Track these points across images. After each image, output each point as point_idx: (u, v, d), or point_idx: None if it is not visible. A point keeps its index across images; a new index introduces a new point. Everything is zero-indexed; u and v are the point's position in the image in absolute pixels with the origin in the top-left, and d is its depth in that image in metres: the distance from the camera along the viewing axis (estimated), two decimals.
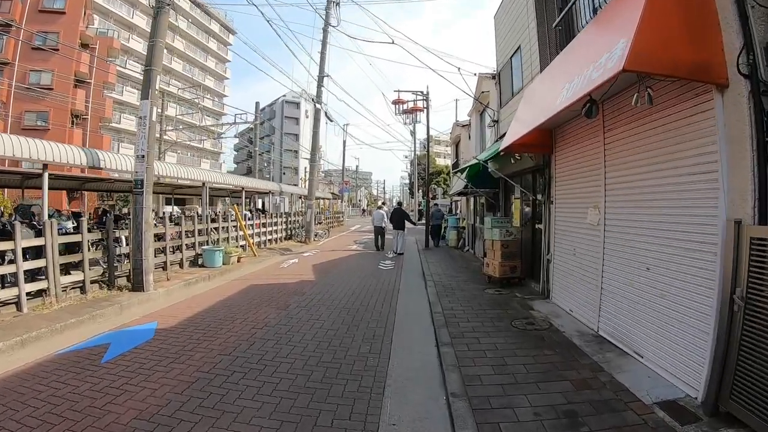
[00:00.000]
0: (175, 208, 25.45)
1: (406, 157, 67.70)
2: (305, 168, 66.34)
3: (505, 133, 9.92)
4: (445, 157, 76.22)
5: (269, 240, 16.78)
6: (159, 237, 10.23)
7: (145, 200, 8.00)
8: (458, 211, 19.42)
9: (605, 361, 4.51)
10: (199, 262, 11.14)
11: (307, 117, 77.84)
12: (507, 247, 8.16)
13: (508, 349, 4.74)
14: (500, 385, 3.82)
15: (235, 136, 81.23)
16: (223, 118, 55.99)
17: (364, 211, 64.26)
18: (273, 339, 5.25)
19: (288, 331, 5.54)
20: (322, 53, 18.52)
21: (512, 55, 9.74)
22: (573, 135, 6.38)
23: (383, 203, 30.15)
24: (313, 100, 18.05)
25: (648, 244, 4.34)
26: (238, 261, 11.99)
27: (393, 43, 11.32)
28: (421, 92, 16.23)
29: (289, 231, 19.08)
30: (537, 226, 8.11)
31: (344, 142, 33.33)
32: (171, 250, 10.34)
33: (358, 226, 32.31)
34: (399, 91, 15.81)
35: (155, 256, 9.80)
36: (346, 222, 34.18)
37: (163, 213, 22.25)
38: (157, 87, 8.30)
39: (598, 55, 3.79)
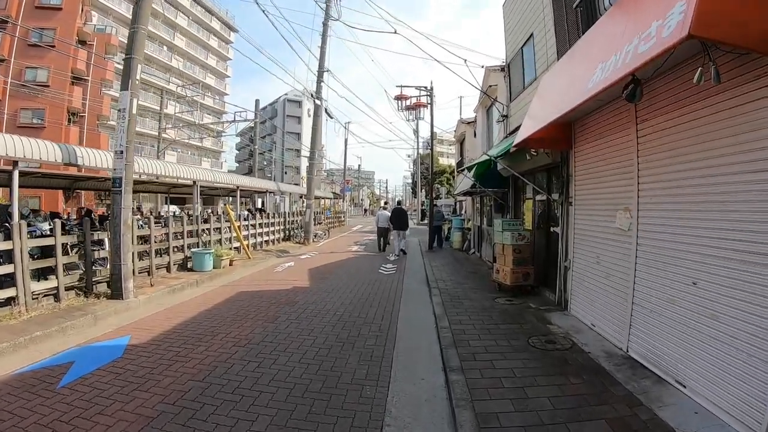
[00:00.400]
0: (173, 207, 24.84)
1: (409, 156, 67.08)
2: (307, 167, 66.04)
3: (516, 129, 9.23)
4: (448, 157, 75.56)
5: (266, 241, 16.12)
6: (144, 239, 9.59)
7: (124, 200, 7.34)
8: (463, 212, 18.70)
9: (642, 391, 3.82)
10: (189, 266, 10.49)
11: (309, 116, 77.23)
12: (519, 252, 7.46)
13: (528, 376, 4.04)
14: (523, 428, 3.13)
15: (237, 135, 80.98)
16: (224, 117, 55.64)
17: (366, 210, 63.54)
18: (255, 360, 4.57)
19: (273, 351, 4.85)
20: (322, 47, 17.86)
21: (523, 45, 9.03)
22: (597, 128, 5.67)
23: (386, 203, 29.57)
24: (312, 95, 17.37)
25: (696, 254, 3.64)
26: (231, 264, 11.34)
27: (395, 32, 10.63)
28: (425, 87, 15.54)
29: (287, 232, 18.43)
30: (552, 229, 7.40)
31: (346, 140, 32.63)
32: (157, 253, 9.69)
33: (360, 226, 31.63)
34: (402, 86, 15.12)
35: (140, 260, 9.17)
36: (347, 222, 33.51)
37: (158, 212, 21.71)
38: (138, 77, 7.63)
39: (644, 25, 3.09)
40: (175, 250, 10.43)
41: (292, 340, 5.21)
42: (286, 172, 65.41)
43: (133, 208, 26.07)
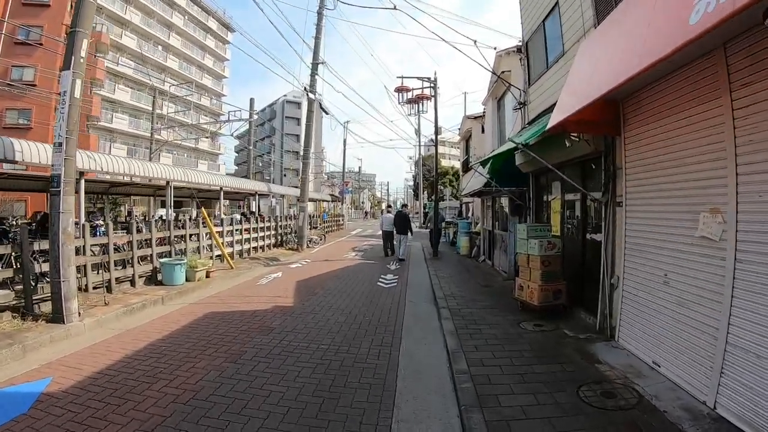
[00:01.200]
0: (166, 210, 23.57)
1: (411, 158, 65.71)
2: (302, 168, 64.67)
3: (537, 117, 7.87)
4: (449, 159, 74.15)
5: (255, 248, 14.76)
6: (103, 248, 8.24)
7: (63, 203, 5.99)
8: (470, 215, 17.31)
9: None
10: (159, 279, 9.13)
11: None
12: (549, 264, 6.07)
13: None
14: None
15: (236, 138, 79.87)
16: (220, 118, 54.42)
17: (366, 213, 62.09)
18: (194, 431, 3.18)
19: (224, 412, 3.46)
20: (317, 38, 16.52)
21: (545, 18, 7.66)
22: (659, 105, 4.29)
23: (389, 206, 28.22)
24: (305, 89, 16.04)
25: None
26: (208, 276, 9.97)
27: (395, 8, 9.26)
28: (428, 78, 14.20)
29: (279, 237, 17.08)
30: (590, 236, 6.01)
31: (344, 140, 31.32)
32: (119, 264, 8.33)
33: (359, 230, 30.22)
34: (403, 77, 13.77)
35: (97, 273, 7.82)
36: (346, 226, 32.10)
37: (150, 216, 20.37)
38: (83, 54, 6.29)
39: None
40: (142, 260, 9.09)
41: (254, 392, 3.81)
42: (285, 175, 64.20)
43: (122, 212, 24.56)
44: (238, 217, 19.78)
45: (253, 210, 29.24)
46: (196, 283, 9.29)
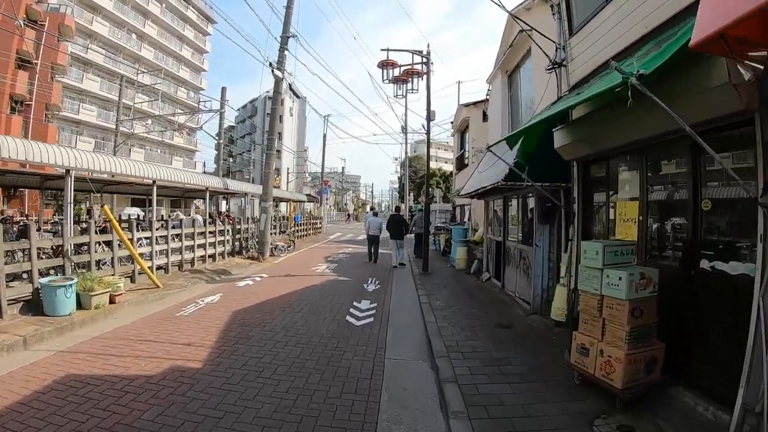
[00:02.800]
0: (134, 209, 20.51)
1: (396, 159, 63.03)
2: (288, 168, 61.44)
3: (588, 77, 5.24)
4: (436, 161, 71.85)
5: (203, 258, 11.85)
6: None
7: None
8: (465, 220, 14.64)
9: None
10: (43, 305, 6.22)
11: (291, 114, 73.25)
12: (640, 315, 3.40)
13: None
14: None
15: (215, 136, 76.22)
16: (204, 116, 51.14)
17: (349, 216, 59.07)
18: None
19: None
20: (288, 7, 13.73)
21: None
22: None
23: (372, 209, 25.82)
24: (270, 65, 13.20)
25: None
26: (113, 301, 7.06)
27: None
28: (419, 52, 11.55)
29: (239, 243, 14.17)
30: (710, 265, 3.37)
31: (324, 135, 28.55)
32: None
33: (338, 234, 27.31)
34: (388, 50, 11.05)
35: None
36: (325, 229, 29.13)
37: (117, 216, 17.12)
38: None
39: None
40: (15, 279, 6.19)
41: None
42: (277, 177, 60.88)
43: (82, 210, 21.29)
44: (200, 219, 16.84)
45: (222, 210, 26.24)
46: (91, 313, 6.43)
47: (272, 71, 13.58)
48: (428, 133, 11.08)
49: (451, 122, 20.65)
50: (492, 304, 7.37)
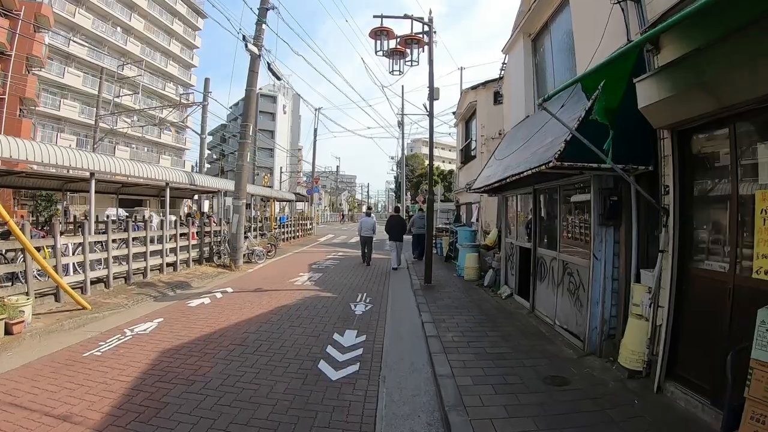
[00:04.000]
0: (118, 211, 18.35)
1: (392, 158, 61.01)
2: (281, 168, 59.23)
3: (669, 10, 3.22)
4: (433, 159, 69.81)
5: (161, 266, 9.84)
6: None
7: None
8: (473, 220, 12.60)
9: None
10: None
11: (284, 113, 71.13)
12: None
13: None
14: None
15: (208, 134, 73.83)
16: (188, 110, 49.11)
17: (343, 216, 56.92)
18: None
19: None
20: None
21: None
22: None
23: (369, 209, 23.98)
24: (245, 38, 11.15)
25: None
26: (9, 332, 5.05)
27: None
28: (420, 19, 9.56)
29: (210, 248, 12.13)
30: None
31: (315, 130, 26.49)
32: None
33: (330, 236, 25.20)
34: (383, 16, 9.00)
35: None
36: (316, 231, 26.97)
37: (87, 217, 14.99)
38: None
39: None
40: None
41: None
42: (257, 174, 58.82)
43: (59, 211, 19.18)
44: (172, 219, 14.76)
45: (205, 211, 24.14)
46: None
47: (246, 46, 11.54)
48: (431, 114, 9.04)
49: (453, 112, 18.66)
50: (525, 338, 5.32)
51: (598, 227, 4.69)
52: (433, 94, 9.01)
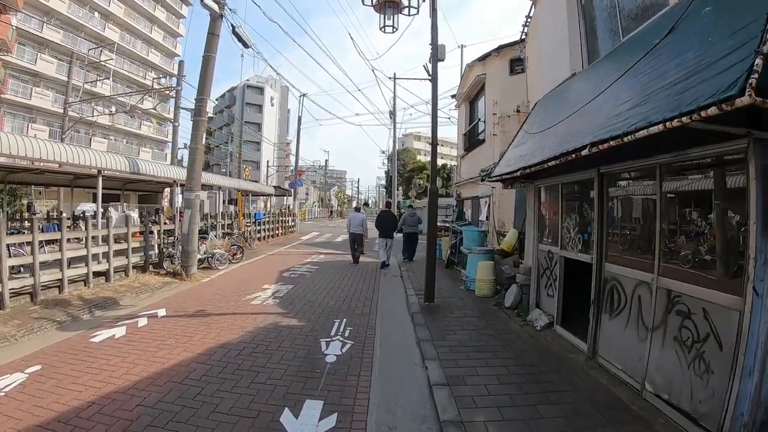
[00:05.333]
0: (90, 206, 15.93)
1: (383, 152, 58.64)
2: (268, 162, 56.54)
3: None
4: (425, 155, 67.69)
5: (86, 277, 7.57)
6: None
7: None
8: (481, 218, 10.37)
9: None
10: None
11: (272, 104, 68.44)
12: None
13: None
14: None
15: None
16: (170, 101, 46.62)
17: (332, 212, 54.44)
18: None
19: None
20: None
21: None
22: None
23: (362, 205, 21.98)
24: None
25: None
26: None
27: None
28: None
29: (161, 251, 9.84)
30: None
31: (299, 118, 24.13)
32: None
33: (314, 234, 22.86)
34: None
35: None
36: (299, 228, 24.53)
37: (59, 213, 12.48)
38: None
39: None
40: None
41: None
42: (245, 168, 56.31)
43: (23, 207, 16.53)
44: (135, 216, 12.44)
45: (178, 206, 21.73)
46: None
47: (201, 0, 9.20)
48: (434, 78, 6.78)
49: (453, 95, 16.46)
50: (601, 414, 3.16)
51: (762, 239, 2.52)
52: (437, 53, 6.75)
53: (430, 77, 6.82)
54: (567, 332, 5.02)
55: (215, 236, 11.13)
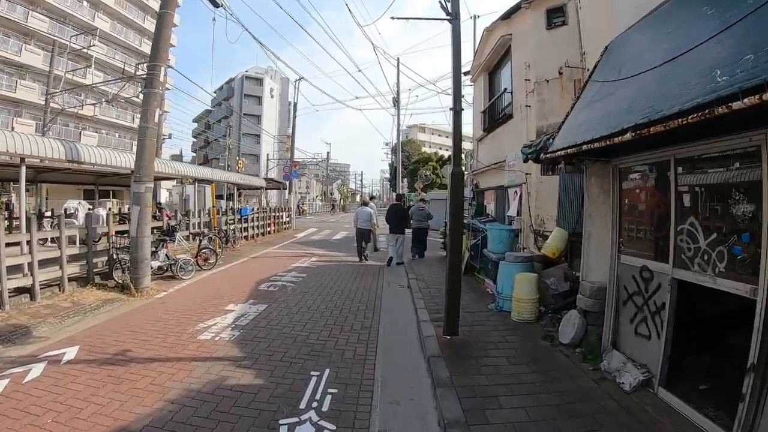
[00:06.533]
0: (74, 203, 14.16)
1: (387, 144, 56.42)
2: (268, 155, 54.48)
3: None
4: (430, 146, 65.34)
5: (9, 294, 5.68)
6: None
7: None
8: (511, 214, 8.23)
9: None
10: None
11: (271, 96, 66.46)
12: None
13: None
14: None
15: (194, 121, 69.00)
16: (166, 93, 44.84)
17: (333, 206, 52.38)
18: None
19: None
20: None
21: None
22: None
23: (370, 198, 20.27)
24: None
25: None
26: None
27: None
28: None
29: (111, 259, 7.91)
30: None
31: (295, 104, 22.09)
32: None
33: (311, 231, 20.85)
34: None
35: None
36: (295, 224, 22.38)
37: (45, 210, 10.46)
38: None
39: None
40: None
41: None
42: (239, 160, 54.48)
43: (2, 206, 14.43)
44: (103, 214, 10.51)
45: (161, 202, 19.87)
46: None
47: None
48: (455, 14, 4.72)
49: (465, 72, 14.35)
50: None
51: None
52: None
53: (448, 16, 4.76)
54: (683, 403, 3.03)
55: (183, 237, 9.17)
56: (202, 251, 9.15)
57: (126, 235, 8.95)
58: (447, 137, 76.14)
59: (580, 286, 4.75)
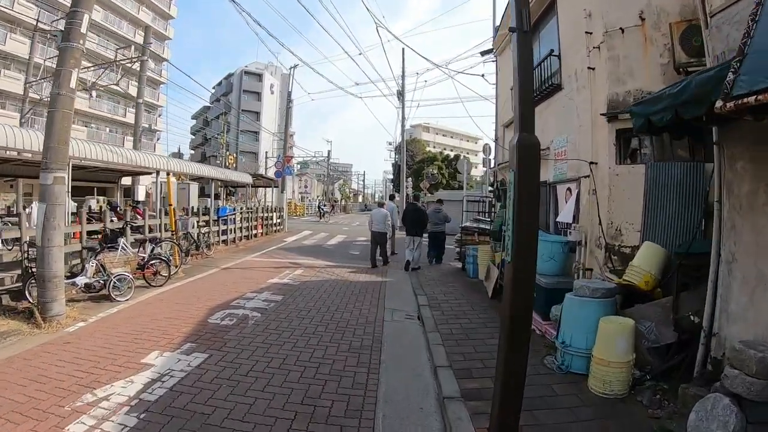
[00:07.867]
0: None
1: (390, 144, 54.45)
2: (266, 153, 52.39)
3: None
4: (434, 146, 63.33)
5: None
6: None
7: None
8: (561, 219, 6.06)
9: None
10: None
11: (271, 92, 64.62)
12: None
13: None
14: None
15: (193, 118, 67.34)
16: (160, 87, 43.13)
17: (333, 207, 50.14)
18: None
19: None
20: None
21: None
22: None
23: (392, 197, 18.43)
24: None
25: None
26: None
27: None
28: None
29: (24, 272, 5.88)
30: None
31: (289, 93, 20.06)
32: None
33: (305, 233, 18.68)
34: None
35: None
36: (287, 226, 20.15)
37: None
38: None
39: None
40: None
41: None
42: (242, 159, 52.57)
43: None
44: (34, 212, 8.37)
45: (141, 199, 17.88)
46: None
47: None
48: None
49: (481, 52, 12.27)
50: None
51: None
52: None
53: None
54: None
55: (128, 245, 7.09)
56: (151, 263, 7.06)
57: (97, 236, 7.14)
58: (452, 137, 73.76)
59: (727, 351, 2.67)
